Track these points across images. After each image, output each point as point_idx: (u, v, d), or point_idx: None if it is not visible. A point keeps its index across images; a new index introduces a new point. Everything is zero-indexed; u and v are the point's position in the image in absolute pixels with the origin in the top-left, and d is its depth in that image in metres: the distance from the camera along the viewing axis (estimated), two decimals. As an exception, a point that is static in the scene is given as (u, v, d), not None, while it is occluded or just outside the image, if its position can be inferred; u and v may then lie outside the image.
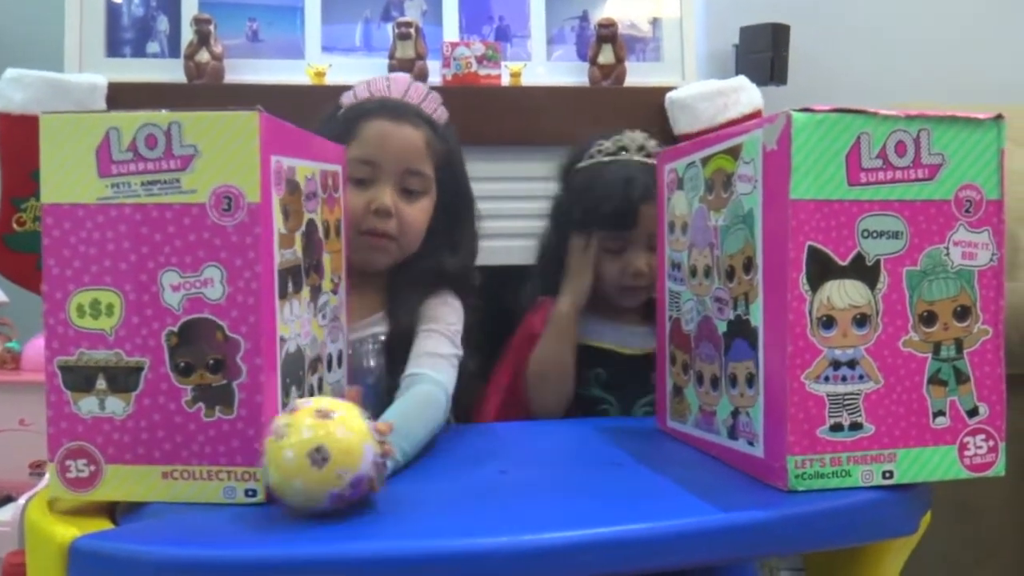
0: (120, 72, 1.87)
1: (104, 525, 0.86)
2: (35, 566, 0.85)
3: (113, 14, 1.97)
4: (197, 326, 0.87)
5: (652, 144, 1.42)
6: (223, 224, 0.86)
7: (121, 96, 1.75)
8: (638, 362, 1.39)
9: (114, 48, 1.97)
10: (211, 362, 0.87)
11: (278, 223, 0.90)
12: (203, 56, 1.88)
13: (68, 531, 0.81)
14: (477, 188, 1.47)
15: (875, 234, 0.91)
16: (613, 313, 1.45)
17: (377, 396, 1.22)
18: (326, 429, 0.82)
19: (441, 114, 1.37)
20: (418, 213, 1.30)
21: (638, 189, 1.37)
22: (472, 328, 1.33)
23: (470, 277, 1.39)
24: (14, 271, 1.77)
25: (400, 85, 1.35)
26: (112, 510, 0.90)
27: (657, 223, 1.27)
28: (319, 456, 0.80)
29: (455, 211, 1.37)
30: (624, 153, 1.41)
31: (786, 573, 2.12)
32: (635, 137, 1.43)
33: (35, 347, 1.71)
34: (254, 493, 0.87)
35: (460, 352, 1.27)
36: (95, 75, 1.79)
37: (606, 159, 1.43)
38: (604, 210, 1.40)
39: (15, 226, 1.77)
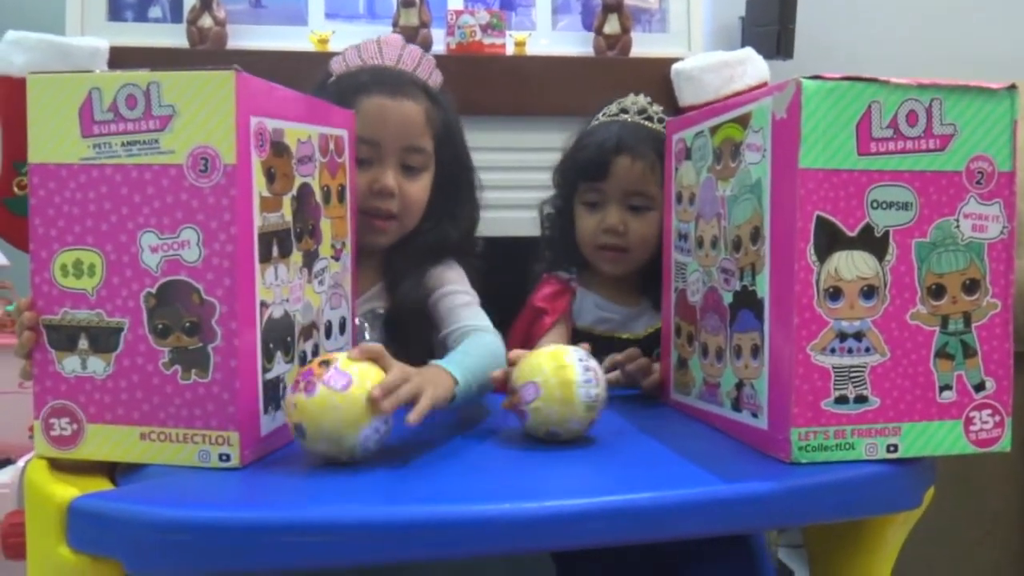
0: (122, 36, 1.85)
1: (103, 485, 0.86)
2: (34, 525, 0.84)
3: (115, -22, 1.95)
4: (174, 288, 0.86)
5: (655, 109, 1.41)
6: (200, 185, 0.85)
7: (123, 60, 1.73)
8: (641, 344, 1.38)
9: (116, 12, 1.95)
10: (187, 324, 0.86)
11: (259, 185, 0.89)
12: (206, 21, 1.86)
13: (67, 491, 0.81)
14: (481, 158, 1.46)
15: (884, 205, 0.90)
16: (612, 295, 1.43)
17: None
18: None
19: (436, 78, 1.35)
20: (419, 190, 1.30)
21: (612, 141, 1.37)
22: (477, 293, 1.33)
23: (472, 244, 1.39)
24: (14, 234, 1.76)
25: (392, 50, 1.32)
26: (112, 471, 0.89)
27: (635, 181, 1.34)
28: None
29: (454, 181, 1.36)
30: (623, 115, 1.41)
31: (784, 550, 2.13)
32: (637, 100, 1.42)
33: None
34: (228, 458, 0.87)
35: (477, 300, 1.31)
36: (97, 39, 1.77)
37: (606, 120, 1.42)
38: (580, 161, 1.41)
39: (16, 189, 1.76)
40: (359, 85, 1.27)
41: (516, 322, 1.44)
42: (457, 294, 1.30)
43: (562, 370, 0.97)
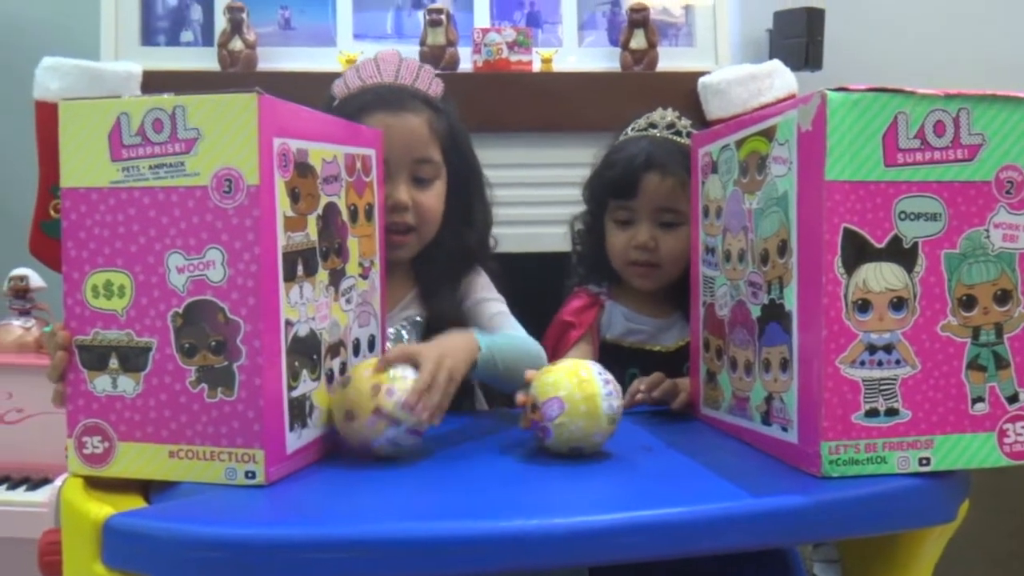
0: (155, 61, 1.89)
1: (137, 503, 0.87)
2: (70, 543, 0.85)
3: (147, 3, 1.99)
4: (200, 308, 0.87)
5: (684, 123, 1.41)
6: (224, 207, 0.86)
7: (156, 84, 1.76)
8: (672, 357, 1.38)
9: (149, 37, 1.99)
10: (213, 343, 0.87)
11: (283, 205, 0.90)
12: (236, 44, 1.90)
13: (102, 509, 0.82)
14: (509, 175, 1.47)
15: (913, 216, 0.89)
16: (643, 307, 1.43)
17: None
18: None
19: (436, 88, 1.35)
20: (433, 200, 1.31)
21: (641, 157, 1.37)
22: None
23: (489, 246, 1.42)
24: (52, 257, 1.79)
25: (390, 66, 1.33)
26: (145, 488, 0.90)
27: (665, 198, 1.34)
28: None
29: (466, 185, 1.37)
30: (652, 129, 1.40)
31: (819, 565, 2.11)
32: (665, 114, 1.42)
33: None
34: (253, 475, 0.87)
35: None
36: (130, 63, 1.80)
37: (634, 135, 1.42)
38: (609, 178, 1.41)
39: (52, 213, 1.80)
40: (361, 105, 1.28)
41: (546, 336, 1.45)
42: (489, 302, 1.33)
43: (585, 384, 0.98)
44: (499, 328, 1.29)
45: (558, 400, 0.97)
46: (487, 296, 1.34)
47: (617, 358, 1.39)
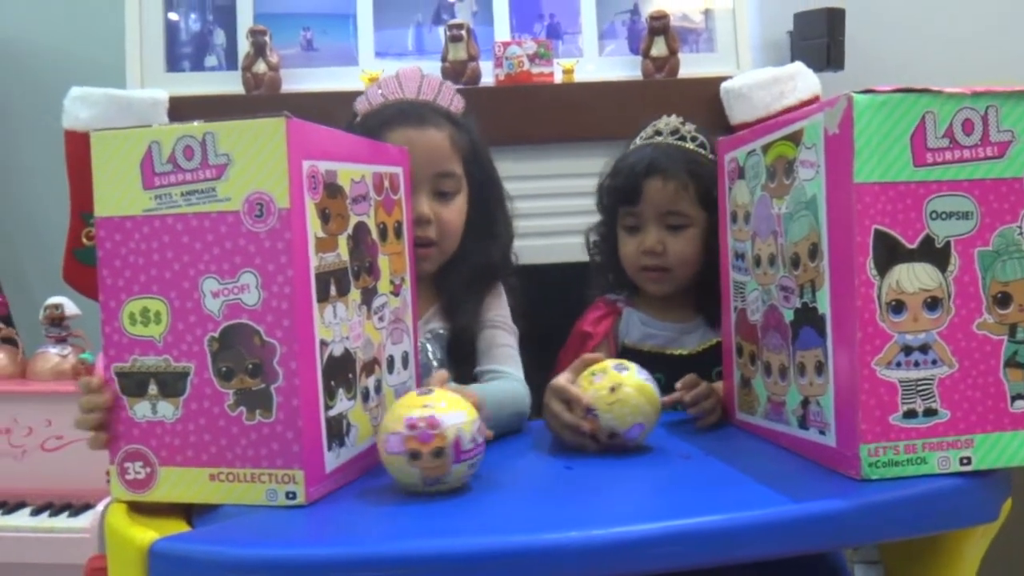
0: (180, 86, 1.91)
1: (180, 527, 0.87)
2: (117, 569, 0.87)
3: (171, 30, 2.01)
4: (236, 331, 0.88)
5: (688, 128, 1.42)
6: (256, 230, 0.87)
7: (182, 109, 1.79)
8: (695, 360, 1.38)
9: (173, 63, 2.01)
10: (250, 366, 0.88)
11: (314, 227, 0.91)
12: (260, 67, 1.91)
13: (147, 534, 0.83)
14: (534, 186, 1.47)
15: (944, 215, 0.89)
16: (660, 313, 1.44)
17: None
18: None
19: (458, 104, 1.37)
20: (455, 214, 1.33)
21: (643, 164, 1.39)
22: (513, 307, 1.40)
23: (511, 260, 1.43)
24: (85, 284, 1.82)
25: (412, 82, 1.35)
26: (188, 512, 0.91)
27: (669, 201, 1.37)
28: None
29: (487, 200, 1.39)
30: (657, 137, 1.42)
31: (860, 567, 2.09)
32: (670, 121, 1.44)
33: (105, 360, 1.76)
34: (294, 496, 0.88)
35: (517, 335, 1.37)
36: (156, 90, 1.83)
37: (640, 143, 1.44)
38: (613, 186, 1.43)
39: (85, 240, 1.82)
40: (384, 121, 1.30)
41: (565, 347, 1.45)
42: (499, 330, 1.35)
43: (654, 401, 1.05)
44: (503, 361, 1.31)
45: (640, 427, 1.04)
46: (500, 322, 1.36)
47: (638, 363, 1.40)
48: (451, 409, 0.91)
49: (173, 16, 2.01)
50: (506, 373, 1.29)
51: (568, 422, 1.06)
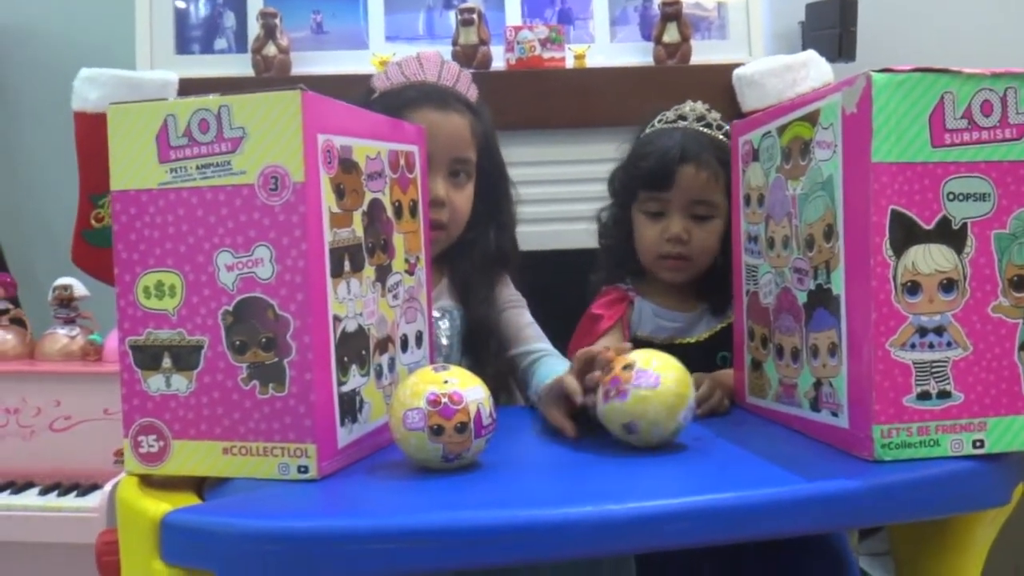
0: (190, 69, 1.92)
1: (191, 500, 0.87)
2: (128, 541, 0.87)
3: (181, 13, 2.01)
4: (250, 305, 0.88)
5: (714, 115, 1.40)
6: (271, 204, 0.87)
7: (191, 92, 1.75)
8: (701, 348, 1.37)
9: (183, 46, 2.01)
10: (264, 340, 0.88)
11: (329, 202, 0.91)
12: (270, 50, 1.91)
13: (159, 506, 0.83)
14: (544, 172, 1.47)
15: (961, 197, 0.89)
16: (670, 303, 1.42)
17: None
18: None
19: (473, 92, 1.38)
20: (465, 199, 1.34)
21: (676, 150, 1.35)
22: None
23: (517, 248, 1.46)
24: (94, 266, 1.82)
25: (433, 66, 1.35)
26: (199, 486, 0.91)
27: (700, 191, 1.33)
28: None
29: (495, 188, 1.40)
30: (682, 121, 1.39)
31: (866, 558, 2.09)
32: (696, 107, 1.41)
33: (117, 339, 1.75)
34: (306, 469, 0.88)
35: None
36: (166, 72, 1.83)
37: (664, 127, 1.41)
38: (642, 170, 1.38)
39: (93, 222, 1.82)
40: (407, 100, 1.30)
41: (576, 333, 1.44)
42: (517, 308, 1.39)
43: (683, 384, 0.98)
44: (530, 340, 1.35)
45: (657, 376, 0.96)
46: (516, 303, 1.40)
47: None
48: (470, 384, 0.91)
49: (183, -2, 2.02)
50: (547, 351, 1.33)
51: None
